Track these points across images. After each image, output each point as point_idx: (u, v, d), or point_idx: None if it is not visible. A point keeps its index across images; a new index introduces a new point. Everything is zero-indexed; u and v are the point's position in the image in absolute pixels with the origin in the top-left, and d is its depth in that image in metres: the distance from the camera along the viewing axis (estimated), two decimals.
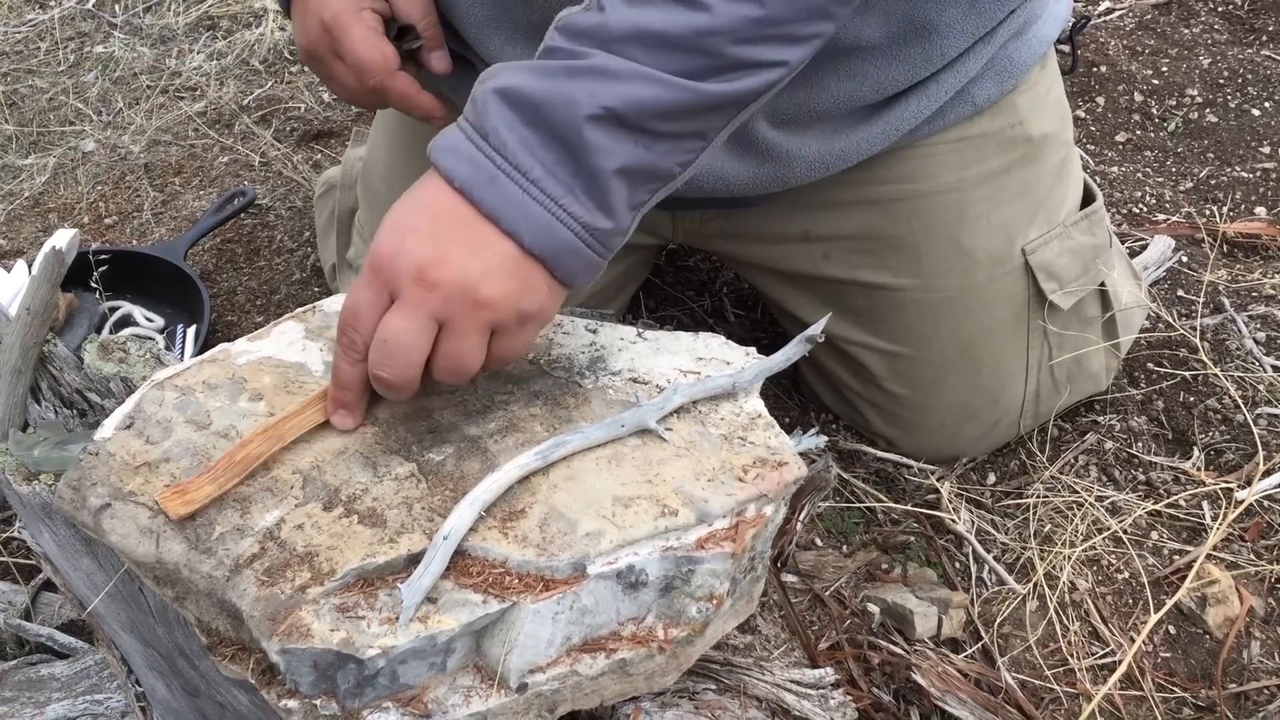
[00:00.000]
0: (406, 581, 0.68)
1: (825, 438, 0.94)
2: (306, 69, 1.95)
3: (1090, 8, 2.03)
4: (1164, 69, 1.89)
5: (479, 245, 0.76)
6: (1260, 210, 1.63)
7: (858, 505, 1.25)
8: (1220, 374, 1.34)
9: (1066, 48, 1.22)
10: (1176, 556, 1.19)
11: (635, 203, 0.80)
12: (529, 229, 0.76)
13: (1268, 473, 1.23)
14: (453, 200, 0.76)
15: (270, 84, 1.95)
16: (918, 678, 1.00)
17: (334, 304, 0.91)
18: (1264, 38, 1.95)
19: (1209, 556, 1.17)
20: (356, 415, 0.79)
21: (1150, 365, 1.39)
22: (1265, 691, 1.09)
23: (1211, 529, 1.19)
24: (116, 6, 2.14)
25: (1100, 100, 1.85)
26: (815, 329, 0.87)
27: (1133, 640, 1.11)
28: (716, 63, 0.78)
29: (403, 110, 1.02)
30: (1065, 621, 1.13)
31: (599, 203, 0.77)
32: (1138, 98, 1.84)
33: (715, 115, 0.80)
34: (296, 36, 1.03)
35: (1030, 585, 1.16)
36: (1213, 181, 1.68)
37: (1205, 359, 1.34)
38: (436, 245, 0.75)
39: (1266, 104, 1.80)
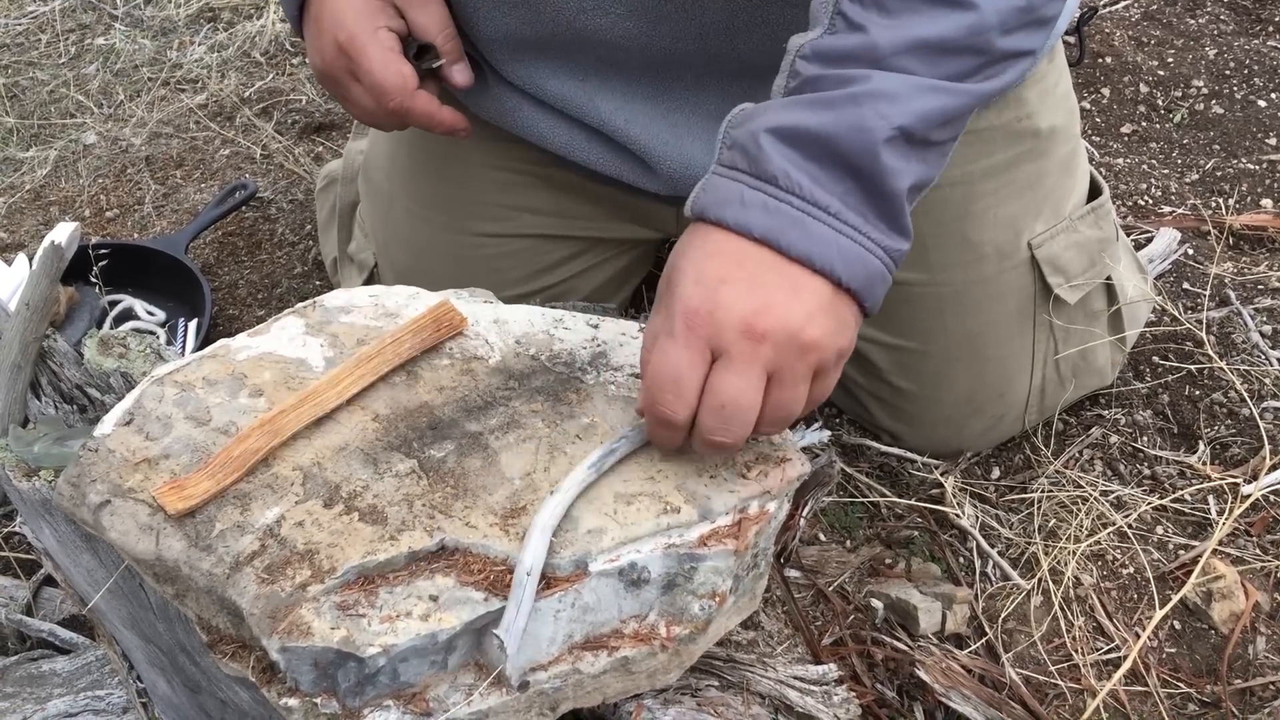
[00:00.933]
0: (501, 627, 0.66)
1: (829, 432, 0.94)
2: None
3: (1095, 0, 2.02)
4: (1170, 60, 1.87)
5: (797, 288, 0.72)
6: (1266, 202, 1.62)
7: (861, 500, 1.24)
8: (1226, 367, 1.33)
9: (1073, 39, 1.21)
10: (1182, 551, 1.19)
11: (908, 216, 0.77)
12: (844, 264, 0.73)
13: (1274, 467, 1.22)
14: (756, 249, 0.72)
15: (271, 76, 1.95)
16: (921, 673, 1.00)
17: (334, 299, 0.90)
18: (1270, 28, 1.94)
19: (1214, 551, 1.17)
20: None
21: (1156, 359, 1.38)
22: (1271, 687, 1.08)
23: (1217, 524, 1.19)
24: None
25: (1105, 91, 1.83)
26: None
27: (1138, 636, 1.11)
28: (985, 59, 0.77)
29: (425, 129, 1.01)
30: (1070, 617, 1.13)
31: (894, 225, 0.75)
32: (1143, 89, 1.83)
33: (970, 116, 0.80)
34: (310, 57, 1.01)
35: (1035, 580, 1.15)
36: (1219, 173, 1.67)
37: (1211, 352, 1.33)
38: (755, 293, 0.71)
39: (1273, 95, 1.79)
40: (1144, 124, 1.78)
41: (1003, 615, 1.13)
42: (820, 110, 0.73)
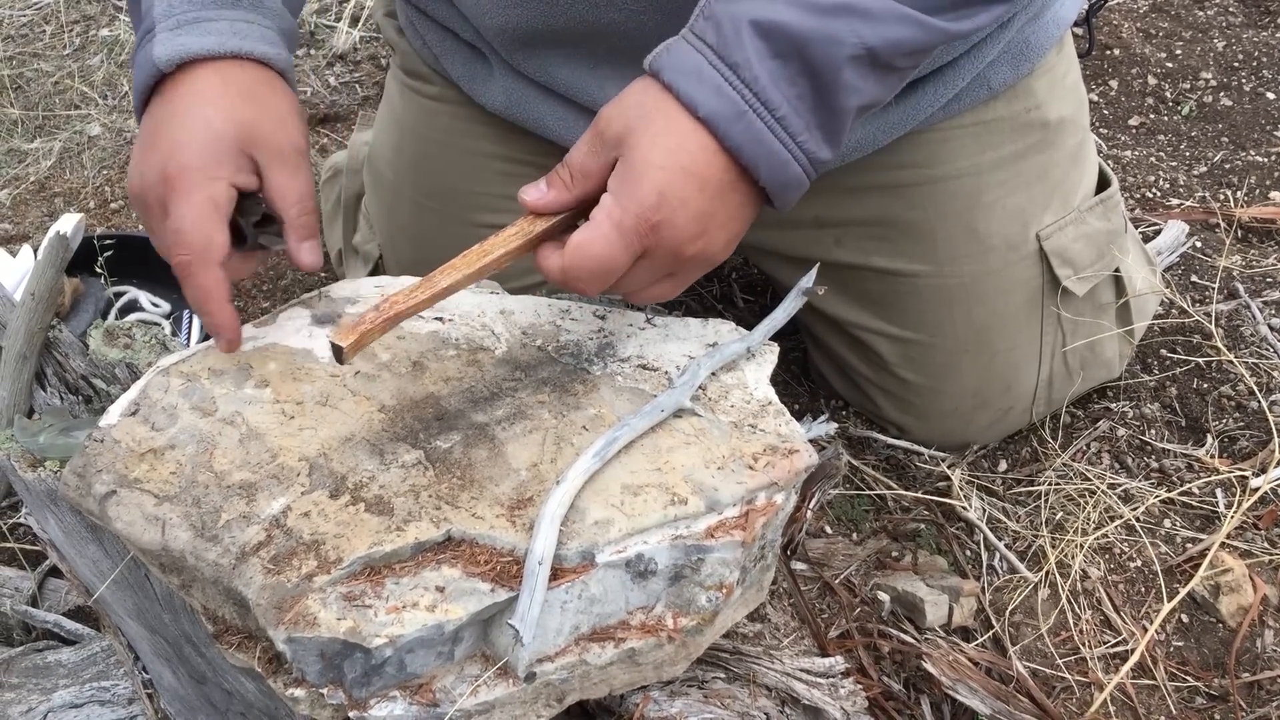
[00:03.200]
0: (515, 616, 0.66)
1: (835, 425, 0.93)
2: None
3: None
4: (1178, 52, 1.87)
5: (733, 217, 0.79)
6: (1275, 195, 1.62)
7: (868, 493, 1.24)
8: (1235, 360, 1.32)
9: (1082, 30, 1.21)
10: (1189, 545, 1.18)
11: (847, 133, 0.81)
12: (767, 166, 0.77)
13: None
14: (708, 153, 0.76)
15: None
16: (928, 666, 0.99)
17: (340, 290, 0.90)
18: (1279, 20, 1.93)
19: (1222, 545, 1.16)
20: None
21: (1164, 352, 1.37)
22: (1279, 681, 1.08)
23: (1225, 517, 1.18)
24: None
25: (1113, 83, 1.83)
26: (807, 280, 0.89)
27: (1145, 629, 1.10)
28: None
29: (193, 308, 0.83)
30: (1077, 610, 1.12)
31: (830, 137, 0.79)
32: (1151, 81, 1.82)
33: (932, 52, 0.82)
34: (131, 168, 0.86)
35: (1042, 573, 1.15)
36: (1227, 166, 1.67)
37: (1219, 345, 1.33)
38: (700, 223, 0.77)
39: None
40: (1152, 116, 1.77)
41: (1010, 608, 1.12)
42: (802, 13, 0.75)
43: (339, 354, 0.74)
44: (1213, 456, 1.26)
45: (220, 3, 0.86)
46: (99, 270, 1.36)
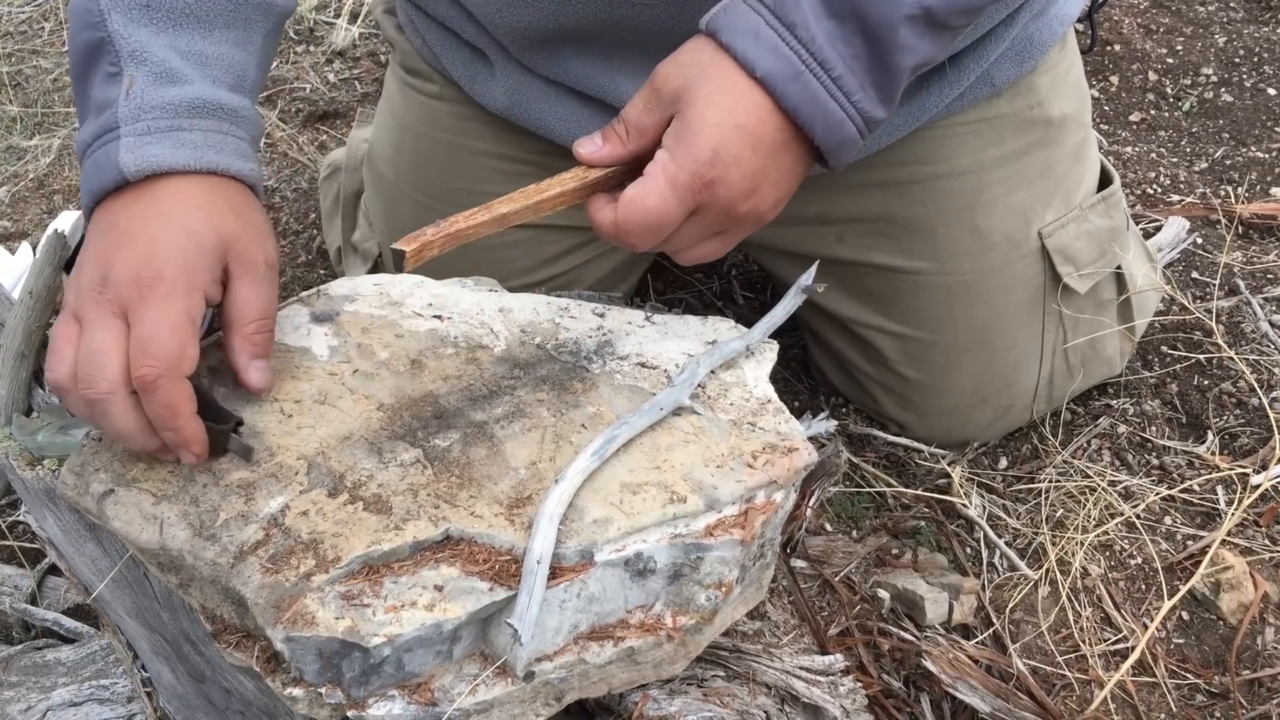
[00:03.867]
0: (514, 615, 0.66)
1: (835, 422, 0.93)
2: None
3: None
4: (1179, 48, 1.86)
5: (784, 177, 0.79)
6: (1276, 191, 1.61)
7: (868, 490, 1.24)
8: (1235, 357, 1.32)
9: (1083, 26, 1.20)
10: (1190, 542, 1.18)
11: (900, 91, 0.81)
12: (824, 128, 0.77)
13: None
14: (763, 112, 0.76)
15: (275, 65, 1.94)
16: (928, 664, 0.99)
17: (339, 288, 0.90)
18: None
19: (1223, 542, 1.16)
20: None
21: (1164, 348, 1.37)
22: (1279, 678, 1.08)
23: (1226, 514, 1.18)
24: None
25: (1114, 79, 1.82)
26: (806, 278, 0.89)
27: (1145, 626, 1.10)
28: None
29: (155, 423, 0.72)
30: (1077, 607, 1.12)
31: (884, 97, 0.79)
32: (1152, 77, 1.82)
33: (985, 9, 0.82)
34: (89, 259, 0.76)
35: (1042, 571, 1.15)
36: (1228, 162, 1.66)
37: (1220, 342, 1.33)
38: (752, 180, 0.77)
39: None
40: (1153, 112, 1.77)
41: (1010, 605, 1.12)
42: None
43: (399, 260, 0.74)
44: (1213, 453, 1.26)
45: (193, 109, 0.80)
46: None
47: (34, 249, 1.47)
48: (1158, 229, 1.51)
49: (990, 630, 1.10)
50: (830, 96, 0.76)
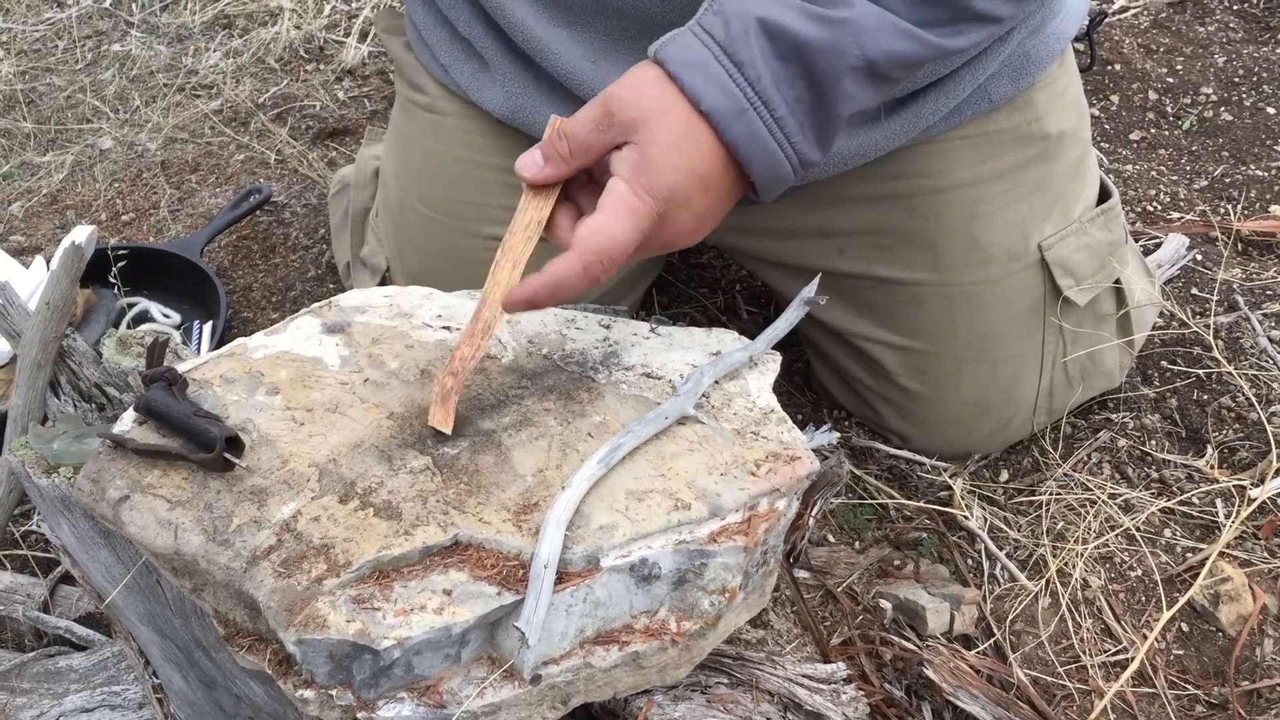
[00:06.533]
0: (521, 619, 0.67)
1: (838, 434, 0.94)
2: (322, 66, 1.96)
3: (1105, 4, 2.02)
4: (1179, 67, 1.88)
5: (718, 214, 0.82)
6: (1275, 208, 1.63)
7: (870, 502, 1.25)
8: (1234, 372, 1.33)
9: (1083, 45, 1.22)
10: (1189, 554, 1.19)
11: (837, 137, 0.84)
12: (760, 164, 0.80)
13: None
14: (715, 156, 0.79)
15: (286, 82, 1.96)
16: (930, 673, 1.00)
17: (350, 299, 0.91)
18: (1279, 36, 1.94)
19: (1222, 554, 1.17)
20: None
21: (1164, 363, 1.38)
22: (1278, 689, 1.08)
23: (1224, 527, 1.19)
24: (133, 5, 2.15)
25: (1114, 98, 1.84)
26: (809, 291, 0.91)
27: (1145, 637, 1.11)
28: (957, 14, 0.84)
29: None
30: (1078, 618, 1.13)
31: (822, 140, 0.82)
32: (1152, 96, 1.84)
33: (924, 66, 0.86)
34: None
35: (1043, 582, 1.16)
36: (1227, 180, 1.68)
37: (1219, 357, 1.34)
38: (697, 221, 0.81)
39: None
40: (1153, 131, 1.79)
41: (1010, 616, 1.13)
42: (809, 21, 0.78)
43: (441, 434, 0.78)
44: (1212, 467, 1.27)
45: None
46: (112, 281, 1.38)
47: (48, 262, 1.49)
48: (1158, 245, 1.53)
49: (991, 640, 1.11)
50: (771, 136, 0.79)
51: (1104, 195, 1.24)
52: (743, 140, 0.78)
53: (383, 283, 1.37)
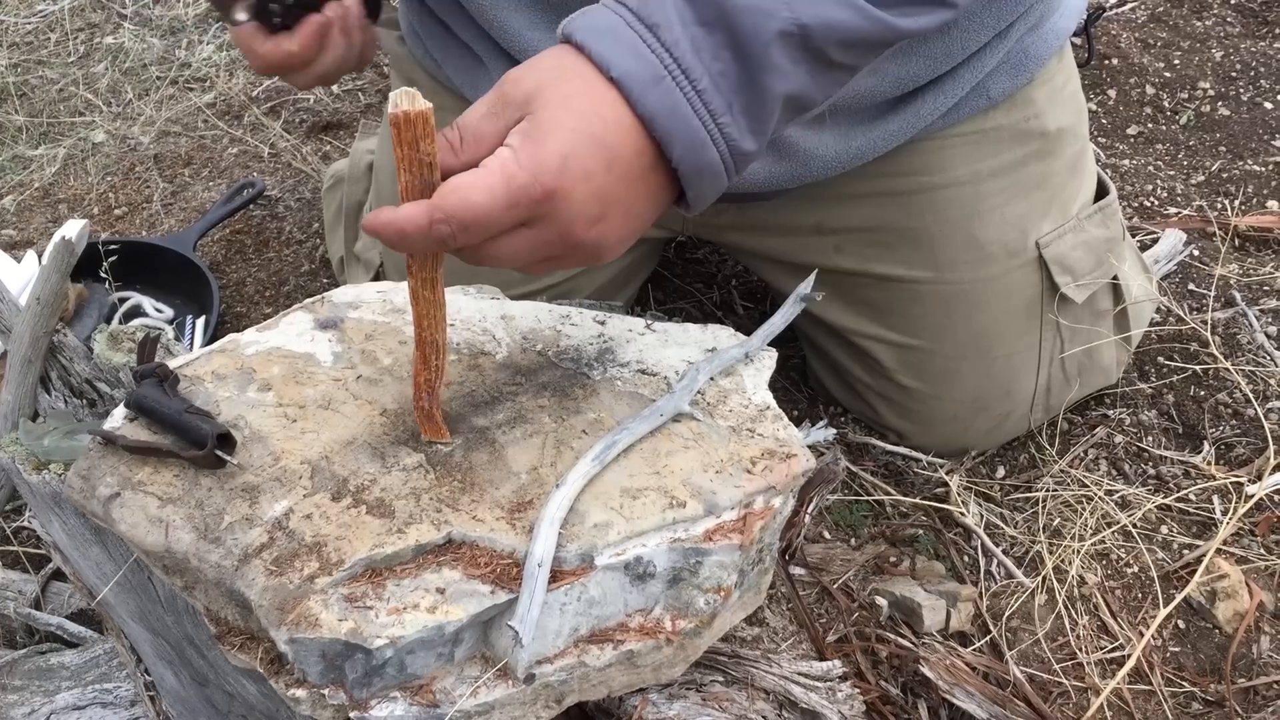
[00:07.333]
0: (515, 618, 0.66)
1: (834, 431, 0.94)
2: None
3: (1103, 0, 2.02)
4: (1176, 62, 1.88)
5: (636, 211, 0.71)
6: (1272, 204, 1.62)
7: (866, 498, 1.25)
8: (1231, 368, 1.33)
9: (1080, 40, 1.21)
10: (1186, 551, 1.19)
11: (776, 130, 0.74)
12: (681, 144, 0.70)
13: (1278, 467, 1.22)
14: (623, 126, 0.69)
15: (278, 77, 1.95)
16: (926, 670, 1.00)
17: (343, 295, 0.91)
18: (1277, 30, 1.94)
19: (1219, 551, 1.17)
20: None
21: (1161, 359, 1.38)
22: (1275, 686, 1.08)
23: (1221, 523, 1.19)
24: None
25: (1112, 93, 1.84)
26: (805, 287, 0.89)
27: (1142, 634, 1.11)
28: None
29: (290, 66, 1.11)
30: (1074, 615, 1.13)
31: (754, 125, 0.71)
32: (1149, 90, 1.83)
33: (875, 51, 0.75)
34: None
35: (1039, 579, 1.15)
36: (1225, 175, 1.67)
37: (1216, 353, 1.33)
38: (600, 204, 0.69)
39: (1279, 97, 1.79)
40: (1150, 125, 1.78)
41: (1007, 613, 1.13)
42: None
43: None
44: (1209, 463, 1.27)
45: None
46: (103, 275, 1.37)
47: (39, 257, 1.48)
48: (1155, 241, 1.52)
49: (987, 637, 1.11)
50: (693, 111, 0.69)
51: (1101, 191, 1.23)
52: (660, 112, 0.68)
53: (376, 278, 1.37)
